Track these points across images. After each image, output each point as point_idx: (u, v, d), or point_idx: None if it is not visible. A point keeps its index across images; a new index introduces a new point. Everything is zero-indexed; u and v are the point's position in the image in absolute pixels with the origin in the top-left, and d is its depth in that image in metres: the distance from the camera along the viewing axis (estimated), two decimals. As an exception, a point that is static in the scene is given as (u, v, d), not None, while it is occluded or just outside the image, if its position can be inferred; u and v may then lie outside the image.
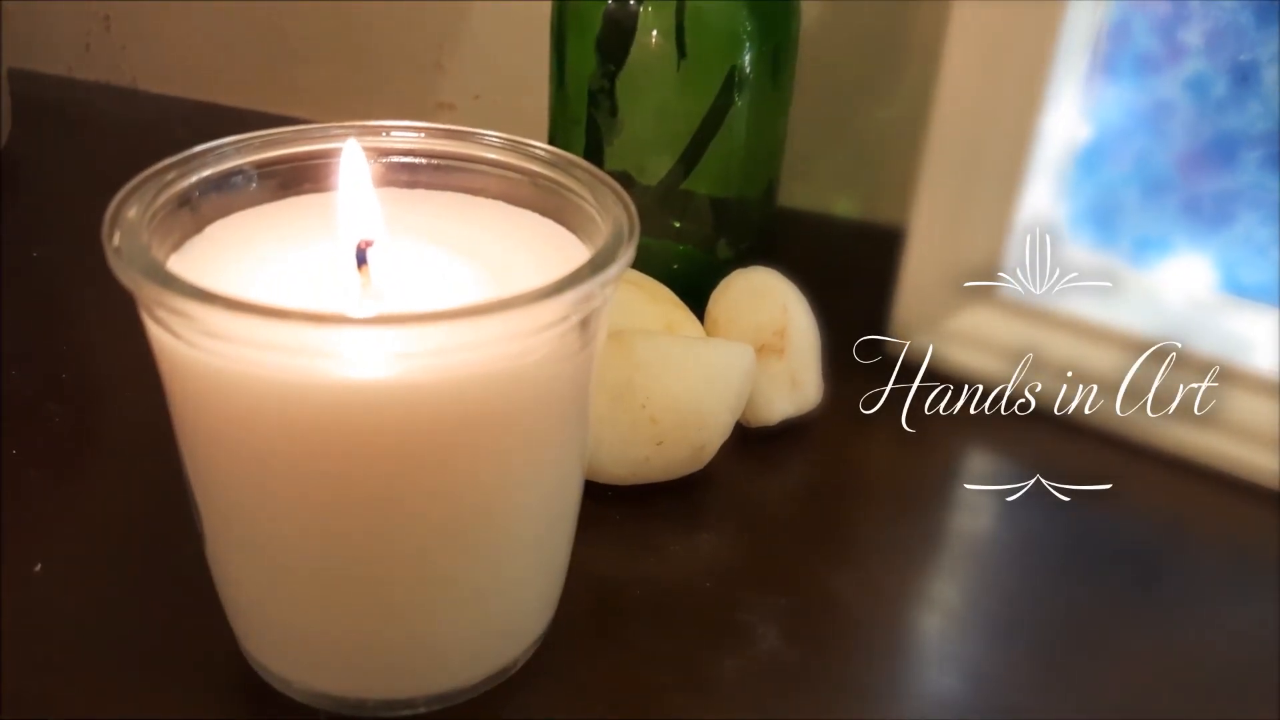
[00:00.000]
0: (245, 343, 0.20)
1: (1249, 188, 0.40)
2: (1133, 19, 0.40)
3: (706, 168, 0.42)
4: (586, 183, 0.27)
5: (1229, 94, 0.39)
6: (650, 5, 0.39)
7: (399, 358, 0.21)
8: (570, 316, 0.22)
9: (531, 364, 0.22)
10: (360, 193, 0.25)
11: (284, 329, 0.20)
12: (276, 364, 0.21)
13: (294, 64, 0.59)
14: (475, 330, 0.21)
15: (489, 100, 0.57)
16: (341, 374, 0.21)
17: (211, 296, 0.20)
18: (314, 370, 0.21)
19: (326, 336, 0.20)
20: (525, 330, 0.22)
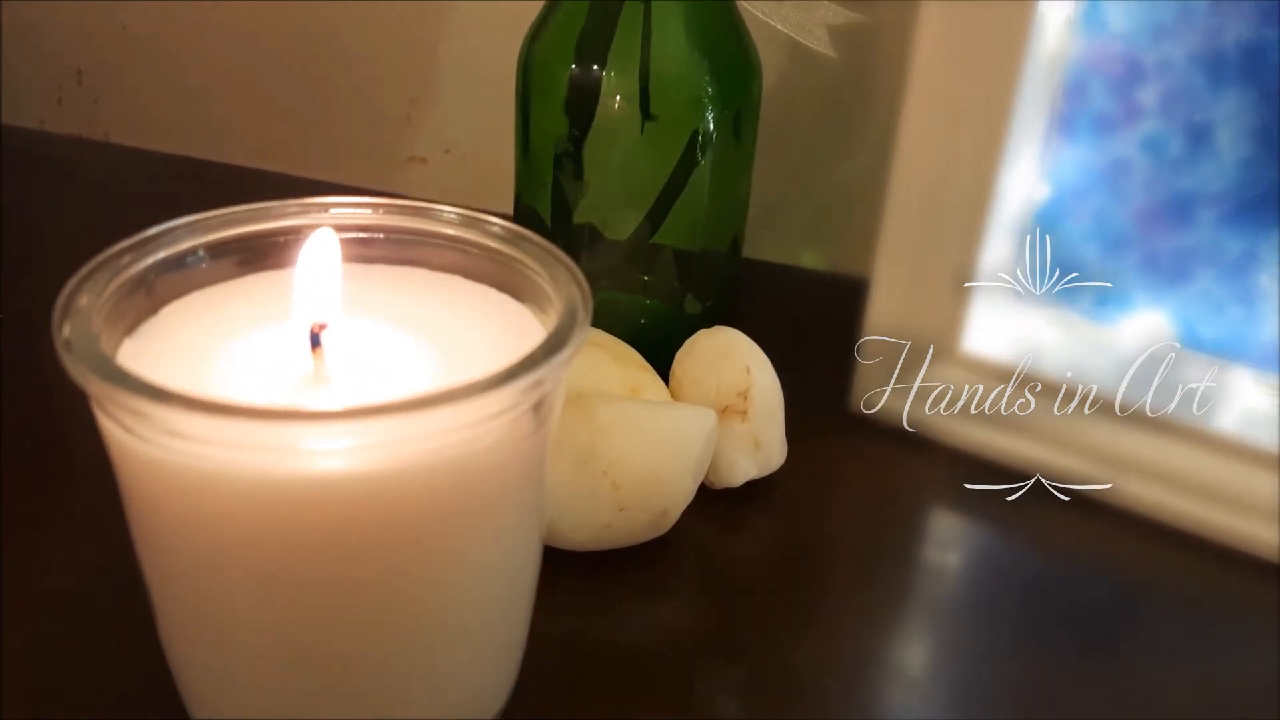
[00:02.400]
0: (195, 439, 0.20)
1: (1206, 245, 0.41)
2: (1089, 80, 0.41)
3: (672, 224, 0.43)
4: (541, 259, 0.27)
5: (1184, 154, 0.40)
6: (613, 70, 0.39)
7: (349, 451, 0.21)
8: (521, 402, 0.23)
9: (483, 450, 0.22)
10: (315, 275, 0.25)
11: (233, 426, 0.20)
12: (226, 459, 0.21)
13: (265, 117, 0.59)
14: (425, 422, 0.21)
15: (459, 154, 0.57)
16: (293, 468, 0.21)
17: (159, 393, 0.20)
18: (266, 465, 0.21)
19: (275, 433, 0.20)
20: (476, 419, 0.22)
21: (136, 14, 0.58)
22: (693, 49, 0.40)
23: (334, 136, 0.58)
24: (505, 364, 0.22)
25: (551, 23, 0.40)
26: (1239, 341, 0.41)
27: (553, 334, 0.24)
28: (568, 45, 0.39)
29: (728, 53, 0.40)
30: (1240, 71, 0.38)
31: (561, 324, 0.24)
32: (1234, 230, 0.40)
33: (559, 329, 0.24)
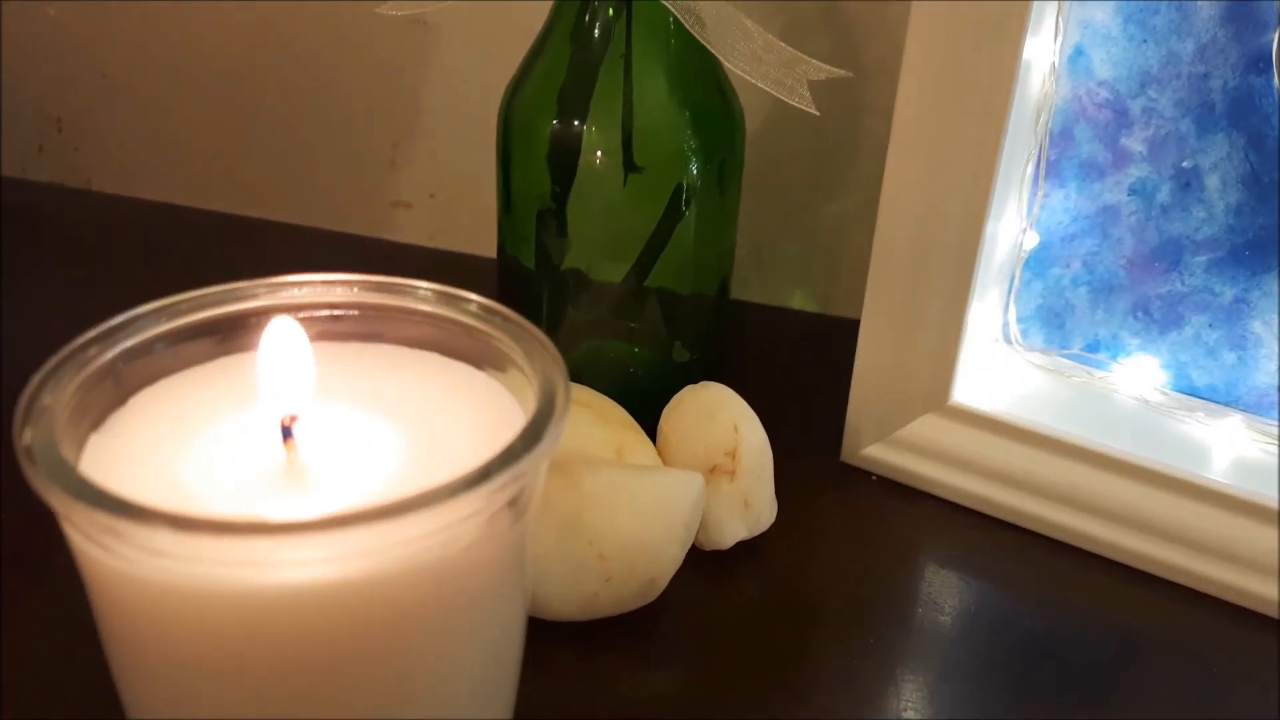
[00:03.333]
0: (165, 554, 0.20)
1: (1197, 291, 0.40)
2: (1075, 127, 0.40)
3: (658, 273, 0.42)
4: (518, 337, 0.26)
5: (1173, 200, 0.40)
6: (594, 125, 0.39)
7: (323, 560, 0.20)
8: (499, 499, 0.22)
9: (459, 550, 0.22)
10: (282, 365, 0.24)
11: (203, 542, 0.19)
12: (197, 572, 0.20)
13: (248, 163, 0.59)
14: (398, 529, 0.20)
15: (444, 198, 0.57)
16: (266, 579, 0.20)
17: (126, 509, 0.20)
18: (238, 577, 0.20)
19: (247, 547, 0.20)
20: (451, 522, 0.21)
21: (116, 62, 0.58)
22: (674, 102, 0.39)
23: (318, 181, 0.58)
24: (483, 455, 0.22)
25: (531, 77, 0.39)
26: (1233, 387, 0.41)
27: (529, 425, 0.23)
28: (548, 99, 0.39)
29: (710, 105, 0.40)
30: (1228, 118, 0.38)
31: (539, 413, 0.23)
32: (1225, 276, 0.40)
33: (536, 418, 0.23)
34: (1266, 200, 0.38)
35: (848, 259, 0.52)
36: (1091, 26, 0.39)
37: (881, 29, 0.47)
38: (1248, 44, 0.37)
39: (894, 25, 0.47)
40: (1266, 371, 0.40)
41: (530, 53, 0.40)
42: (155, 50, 0.57)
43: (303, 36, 0.55)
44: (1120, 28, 0.39)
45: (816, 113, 0.35)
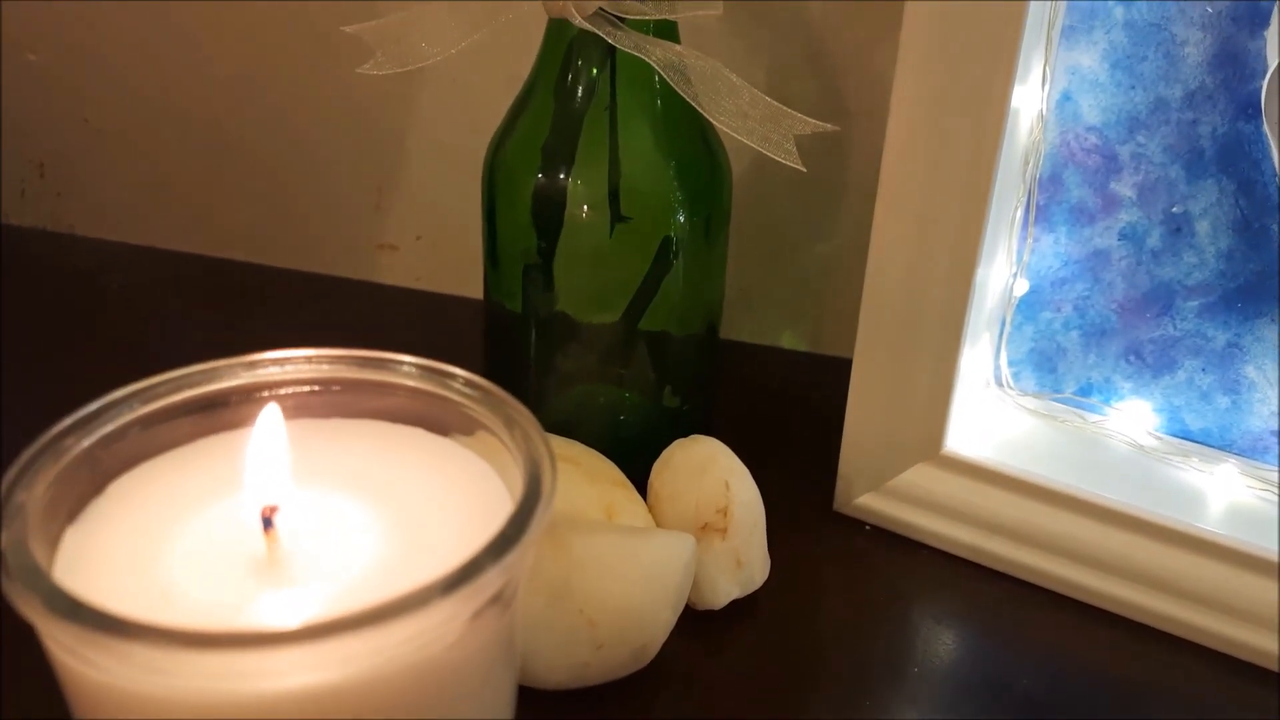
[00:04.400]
0: (143, 667, 0.19)
1: (1189, 335, 0.40)
2: (1064, 172, 0.40)
3: (646, 321, 0.42)
4: (504, 416, 0.26)
5: (1164, 245, 0.39)
6: (579, 178, 0.38)
7: (301, 669, 0.20)
8: (483, 595, 0.22)
9: (444, 649, 0.21)
10: (263, 455, 0.24)
11: (180, 656, 0.19)
12: (176, 684, 0.20)
13: (232, 206, 0.58)
14: (380, 636, 0.20)
15: (430, 240, 0.56)
16: (248, 687, 0.20)
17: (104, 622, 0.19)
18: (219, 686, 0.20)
19: (226, 660, 0.19)
20: (435, 623, 0.21)
21: (97, 107, 0.58)
22: (660, 155, 0.39)
23: (303, 225, 0.57)
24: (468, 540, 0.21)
25: (515, 131, 0.39)
26: (1227, 431, 0.40)
27: (515, 515, 0.23)
28: (532, 154, 0.39)
29: (696, 156, 0.39)
30: (1217, 164, 0.38)
31: (524, 500, 0.23)
32: (1218, 321, 0.39)
33: (522, 507, 0.23)
34: (1258, 246, 0.38)
35: (837, 298, 0.52)
36: (1079, 72, 0.39)
37: (867, 72, 0.47)
38: (1236, 91, 0.37)
39: (879, 69, 0.47)
40: (1261, 416, 0.40)
41: (514, 106, 0.39)
42: (137, 95, 0.57)
43: (285, 81, 0.55)
44: (1108, 74, 0.38)
45: (803, 169, 0.34)
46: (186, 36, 0.55)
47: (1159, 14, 0.37)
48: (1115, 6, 0.37)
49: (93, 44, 0.56)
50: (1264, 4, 0.35)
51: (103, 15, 0.55)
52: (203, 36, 0.55)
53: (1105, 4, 0.37)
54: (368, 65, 0.35)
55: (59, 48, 0.57)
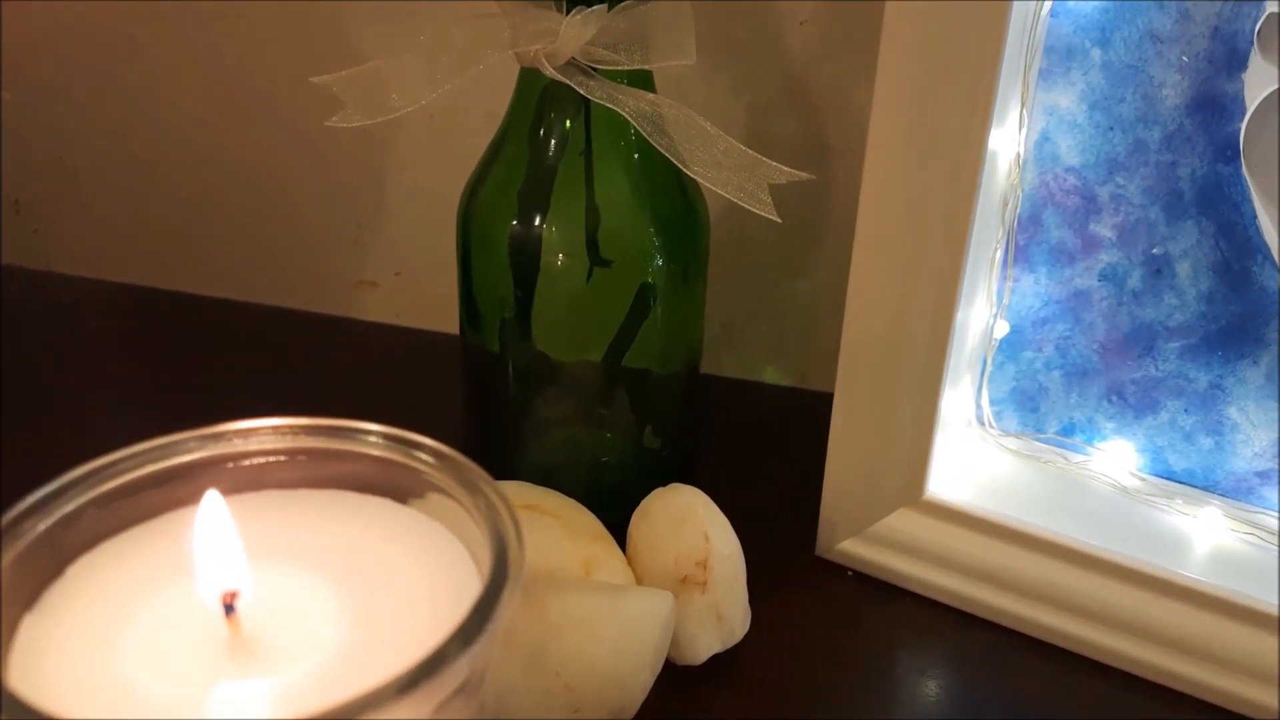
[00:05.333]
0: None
1: (1171, 377, 0.40)
2: (1044, 212, 0.40)
3: (626, 362, 0.41)
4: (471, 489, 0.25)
5: (1145, 286, 0.39)
6: (555, 226, 0.38)
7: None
8: (445, 689, 0.21)
9: (406, 743, 0.21)
10: (220, 543, 0.23)
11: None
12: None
13: (210, 243, 0.58)
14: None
15: (410, 276, 0.56)
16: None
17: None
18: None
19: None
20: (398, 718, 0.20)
21: (72, 146, 0.57)
22: (636, 202, 0.38)
23: (282, 261, 0.57)
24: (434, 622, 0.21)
25: (489, 179, 0.39)
26: (1210, 472, 0.40)
27: (480, 601, 0.22)
28: (507, 201, 0.38)
29: (672, 202, 0.39)
30: (1197, 206, 0.37)
31: (490, 586, 0.23)
32: (1199, 363, 0.39)
33: (486, 595, 0.22)
34: (1239, 288, 0.38)
35: (819, 334, 0.51)
36: (1057, 113, 0.38)
37: (847, 109, 0.47)
38: (1215, 134, 0.36)
39: (859, 106, 0.46)
40: (1244, 457, 0.39)
41: (487, 154, 0.39)
42: (113, 133, 0.56)
43: (262, 118, 0.54)
44: (1086, 115, 0.38)
45: (778, 219, 0.34)
46: (162, 75, 0.54)
47: (1136, 56, 0.37)
48: (1092, 48, 0.37)
49: (66, 82, 0.56)
50: (1241, 48, 0.35)
51: (77, 54, 0.55)
52: (179, 75, 0.54)
53: (1082, 46, 0.37)
54: (336, 118, 0.34)
55: (33, 86, 0.56)
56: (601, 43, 0.34)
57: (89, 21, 0.54)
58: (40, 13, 0.54)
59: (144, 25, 0.53)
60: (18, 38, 0.55)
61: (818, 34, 0.46)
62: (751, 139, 0.49)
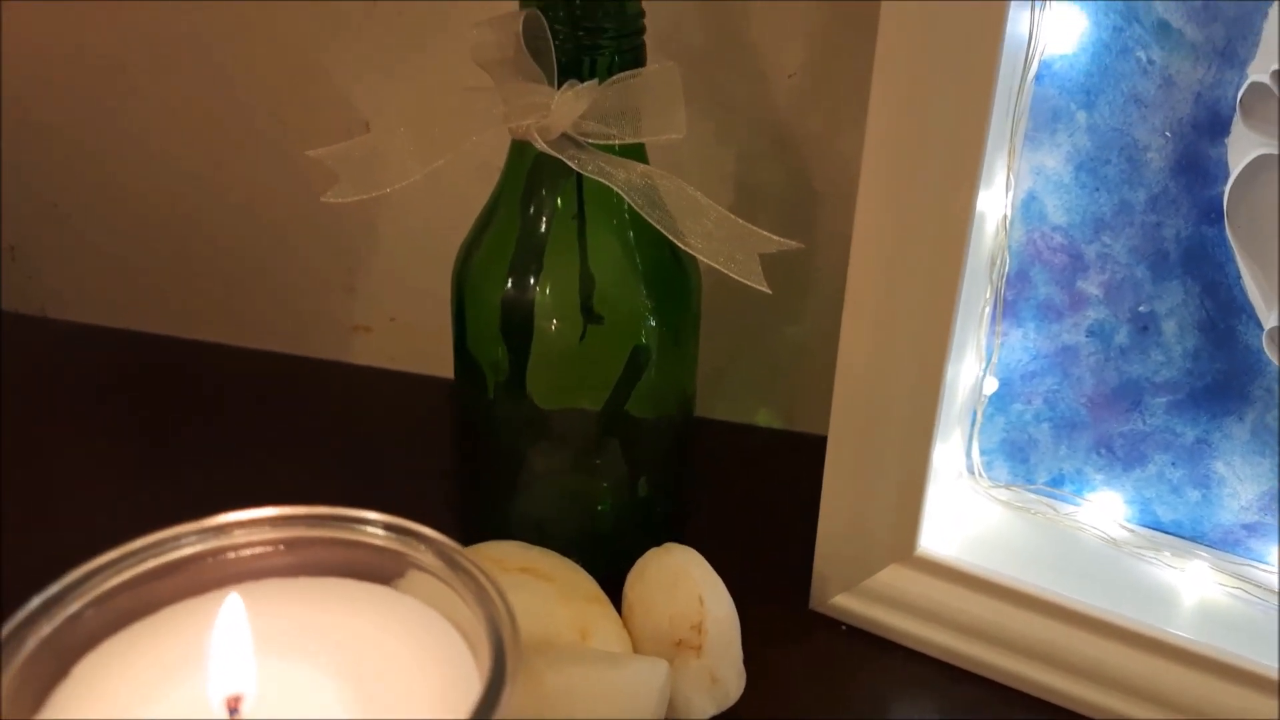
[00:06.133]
0: None
1: (1158, 431, 0.40)
2: (1031, 269, 0.40)
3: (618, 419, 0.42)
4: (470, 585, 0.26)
5: (1131, 342, 0.40)
6: (548, 289, 0.38)
7: None
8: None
9: None
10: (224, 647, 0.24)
11: None
12: None
13: (205, 288, 0.58)
14: None
15: (405, 321, 0.56)
16: None
17: None
18: None
19: None
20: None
21: (66, 192, 0.57)
22: (629, 265, 0.39)
23: (276, 307, 0.57)
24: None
25: (482, 245, 0.39)
26: (1198, 524, 0.41)
27: (478, 706, 0.22)
28: (500, 267, 0.39)
29: (664, 265, 0.39)
30: (1182, 265, 0.38)
31: (490, 686, 0.23)
32: (1186, 418, 0.39)
33: (487, 694, 0.23)
34: (1224, 346, 0.38)
35: (810, 376, 0.52)
36: (1044, 173, 0.39)
37: (833, 156, 0.47)
38: (1199, 195, 0.37)
39: (846, 153, 0.47)
40: (1231, 510, 0.40)
41: (481, 220, 0.39)
42: (106, 179, 0.57)
43: (256, 164, 0.54)
44: (1072, 176, 0.38)
45: (768, 290, 0.34)
46: (155, 120, 0.55)
47: (1121, 120, 0.37)
48: (1078, 111, 0.38)
49: (59, 127, 0.56)
50: (1224, 113, 0.36)
51: (70, 100, 0.55)
52: (173, 119, 0.54)
53: (1068, 109, 0.38)
54: (330, 193, 0.34)
55: (27, 131, 0.56)
56: (593, 116, 0.34)
57: (82, 67, 0.54)
58: (33, 59, 0.54)
59: (137, 71, 0.54)
60: (10, 83, 0.55)
61: (805, 86, 0.46)
62: (740, 186, 0.49)
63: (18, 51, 0.55)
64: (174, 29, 0.52)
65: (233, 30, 0.52)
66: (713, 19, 0.46)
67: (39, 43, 0.54)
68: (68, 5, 0.53)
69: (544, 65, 0.34)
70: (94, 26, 0.53)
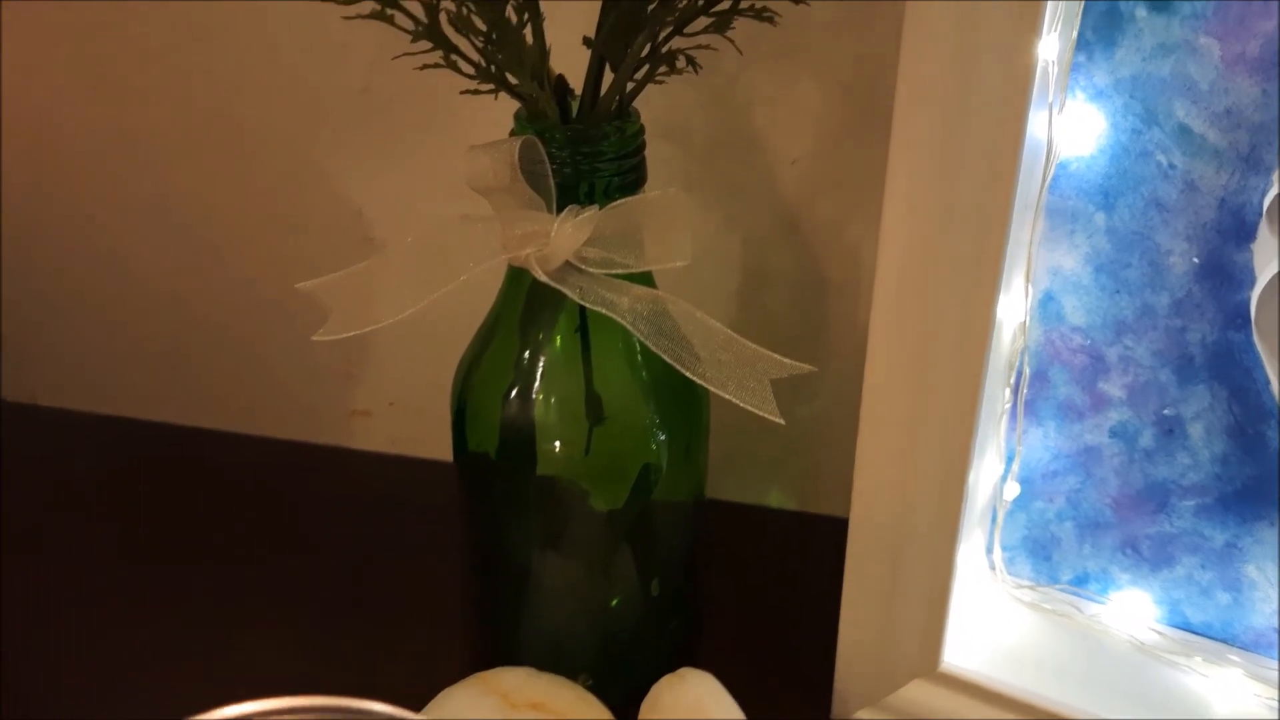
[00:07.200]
0: None
1: (1186, 533, 0.39)
2: (1050, 369, 0.39)
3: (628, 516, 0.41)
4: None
5: (1157, 445, 0.38)
6: (551, 412, 0.37)
7: None
8: None
9: None
10: None
11: None
12: None
13: (199, 375, 0.57)
14: None
15: (405, 405, 0.55)
16: None
17: None
18: None
19: None
20: None
21: (54, 280, 0.56)
22: (634, 384, 0.37)
23: (274, 393, 0.56)
24: None
25: (483, 363, 0.38)
26: (1229, 626, 0.39)
27: None
28: (502, 385, 0.37)
29: (672, 380, 0.38)
30: (1209, 370, 0.36)
31: None
32: (1215, 522, 0.38)
33: None
34: (1254, 452, 0.37)
35: (822, 457, 0.51)
36: (1061, 274, 0.38)
37: (841, 245, 0.46)
38: (1225, 301, 0.36)
39: (854, 242, 0.45)
40: (1263, 614, 0.39)
41: (480, 340, 0.38)
42: (98, 265, 0.55)
43: (247, 250, 0.53)
44: (1091, 277, 0.37)
45: (781, 421, 0.33)
46: (149, 204, 0.53)
47: (1141, 223, 0.36)
48: (1096, 213, 0.36)
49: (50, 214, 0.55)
50: (1249, 219, 0.34)
51: (59, 189, 0.54)
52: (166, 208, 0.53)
53: (1085, 210, 0.36)
54: (321, 332, 0.33)
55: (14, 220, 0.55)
56: (595, 243, 0.33)
57: (70, 156, 0.53)
58: (19, 149, 0.53)
59: (127, 158, 0.52)
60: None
61: (809, 172, 0.45)
62: (747, 272, 0.48)
63: (10, 142, 0.53)
64: (166, 116, 0.51)
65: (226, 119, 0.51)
66: (715, 107, 0.45)
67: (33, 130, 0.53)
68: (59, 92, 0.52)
69: (541, 190, 0.33)
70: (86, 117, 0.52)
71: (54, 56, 0.51)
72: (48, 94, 0.52)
